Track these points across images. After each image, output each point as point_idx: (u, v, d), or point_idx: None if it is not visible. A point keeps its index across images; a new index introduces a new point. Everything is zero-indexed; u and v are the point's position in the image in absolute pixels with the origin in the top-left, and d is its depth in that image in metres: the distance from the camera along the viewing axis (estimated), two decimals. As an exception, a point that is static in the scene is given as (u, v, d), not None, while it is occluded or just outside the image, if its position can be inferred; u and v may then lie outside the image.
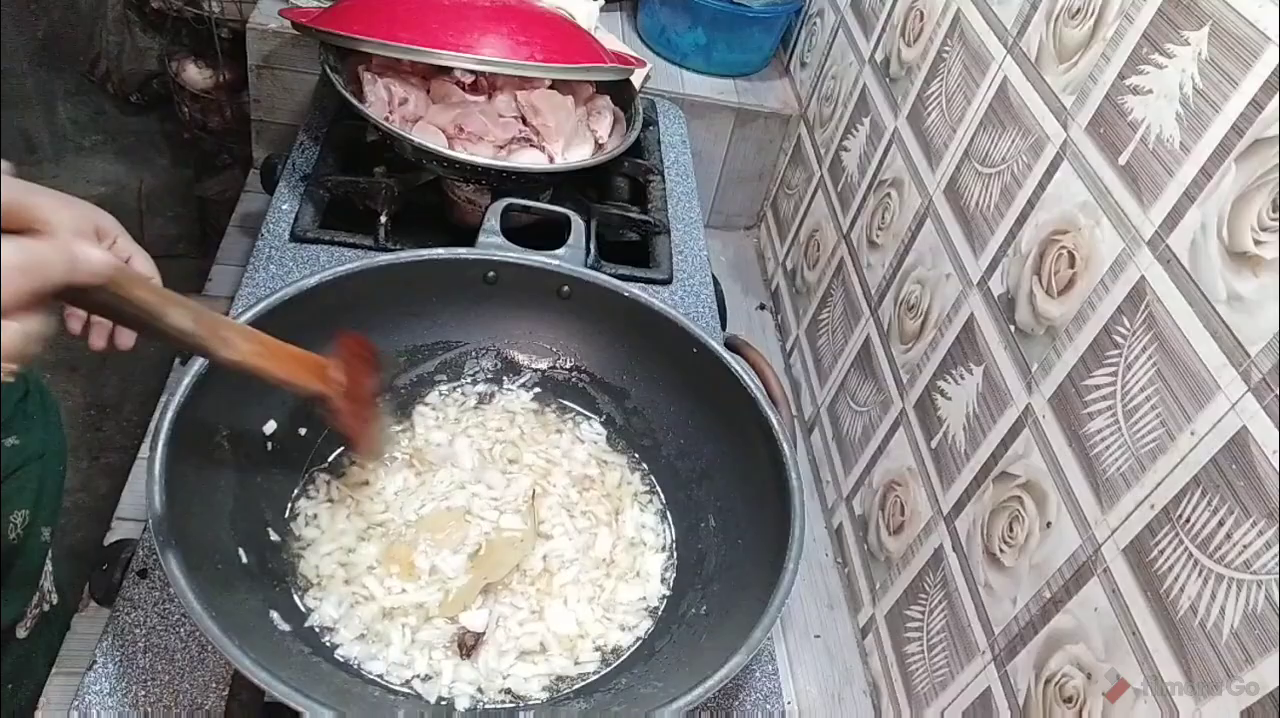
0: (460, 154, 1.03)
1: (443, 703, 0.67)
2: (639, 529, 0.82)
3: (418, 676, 0.68)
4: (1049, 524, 0.90)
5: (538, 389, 0.90)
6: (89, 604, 0.90)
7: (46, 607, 0.84)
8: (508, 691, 0.69)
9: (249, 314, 0.72)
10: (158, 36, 1.77)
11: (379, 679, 0.67)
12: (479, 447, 0.84)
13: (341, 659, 0.68)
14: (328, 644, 0.68)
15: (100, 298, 0.47)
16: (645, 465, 0.87)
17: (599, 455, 0.87)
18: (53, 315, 0.42)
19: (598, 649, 0.73)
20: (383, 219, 1.05)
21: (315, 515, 0.76)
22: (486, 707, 0.68)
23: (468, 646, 0.70)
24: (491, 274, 0.86)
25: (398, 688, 0.67)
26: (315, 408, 0.70)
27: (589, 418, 0.90)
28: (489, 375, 0.90)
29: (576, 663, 0.72)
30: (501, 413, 0.88)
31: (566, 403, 0.90)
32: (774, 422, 0.77)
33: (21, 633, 0.81)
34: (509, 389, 0.90)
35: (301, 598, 0.71)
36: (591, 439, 0.88)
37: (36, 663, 0.84)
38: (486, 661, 0.70)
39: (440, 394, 0.88)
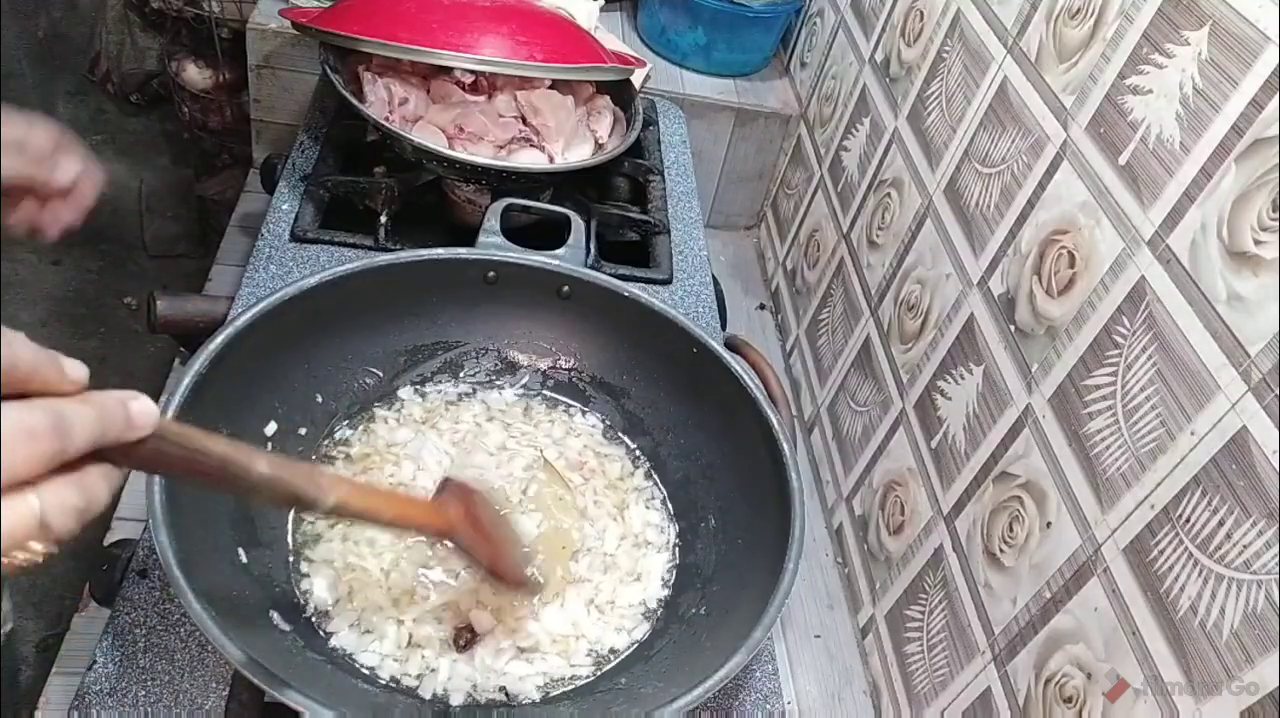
0: (460, 154, 1.03)
1: (438, 701, 0.67)
2: (645, 527, 0.82)
3: (418, 674, 0.68)
4: (1049, 524, 0.90)
5: (524, 387, 0.90)
6: (89, 604, 0.90)
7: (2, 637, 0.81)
8: (503, 689, 0.69)
9: (249, 314, 0.72)
10: (158, 36, 1.77)
11: (378, 678, 0.67)
12: (452, 440, 0.83)
13: (341, 659, 0.68)
14: (327, 644, 0.68)
15: (147, 457, 0.39)
16: (646, 461, 0.87)
17: (595, 447, 0.87)
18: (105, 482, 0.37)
19: (595, 650, 0.73)
20: (383, 219, 1.05)
21: (317, 518, 0.76)
22: (483, 705, 0.68)
23: (463, 641, 0.70)
24: (491, 274, 0.86)
25: (398, 687, 0.67)
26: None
27: (584, 411, 0.89)
28: (489, 375, 0.90)
29: (574, 664, 0.72)
30: (481, 407, 0.87)
31: (558, 397, 0.90)
32: (774, 422, 0.77)
33: None
34: (497, 386, 0.90)
35: (303, 588, 0.71)
36: (587, 432, 0.88)
37: None
38: (483, 658, 0.70)
39: (415, 390, 0.88)
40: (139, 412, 0.37)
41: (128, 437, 0.37)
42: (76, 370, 0.36)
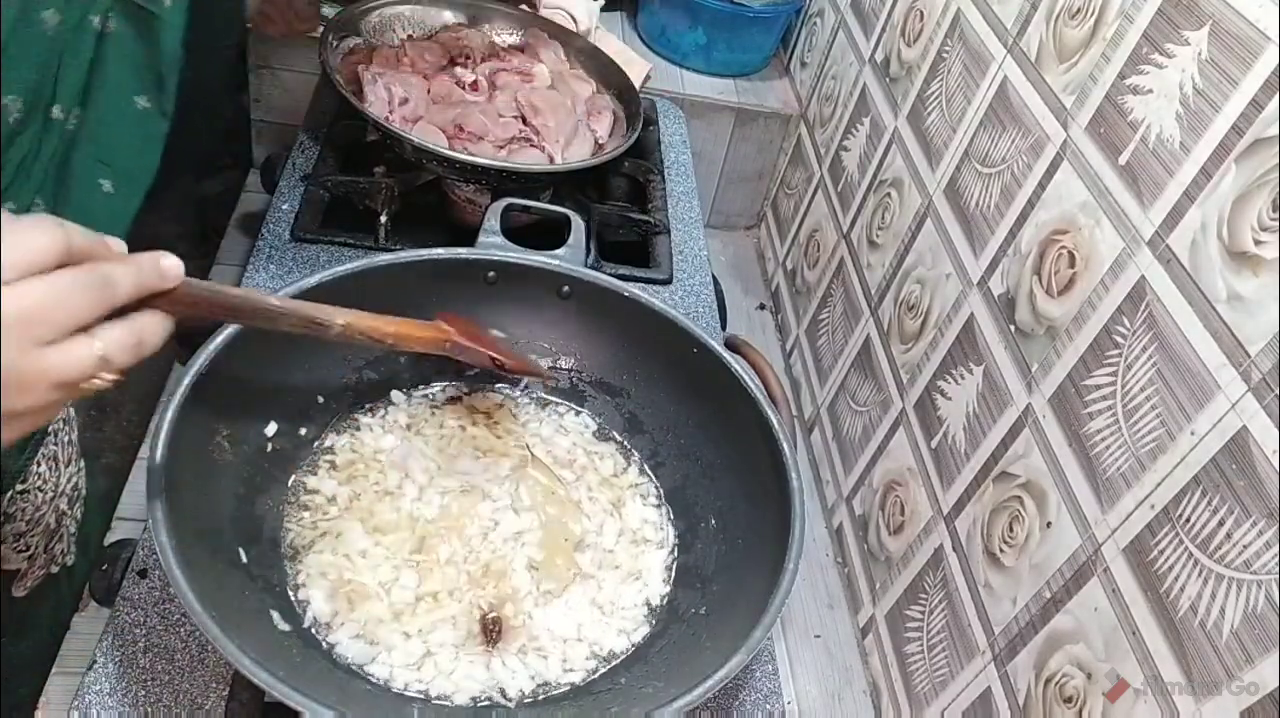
0: (460, 154, 1.03)
1: (442, 702, 0.67)
2: (643, 524, 0.81)
3: (419, 673, 0.68)
4: (1049, 524, 0.90)
5: (525, 387, 0.90)
6: (89, 604, 0.90)
7: (55, 568, 0.84)
8: (502, 690, 0.69)
9: (249, 314, 0.72)
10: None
11: (378, 677, 0.67)
12: (437, 447, 0.83)
13: (340, 658, 0.68)
14: (326, 644, 0.68)
15: (184, 301, 0.49)
16: (640, 459, 0.87)
17: (585, 445, 0.87)
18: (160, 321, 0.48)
19: (596, 651, 0.73)
20: (383, 219, 1.05)
21: (318, 517, 0.76)
22: (484, 705, 0.68)
23: (492, 633, 0.70)
24: (491, 274, 0.86)
25: (398, 686, 0.67)
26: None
27: (577, 411, 0.89)
28: (489, 375, 0.90)
29: (574, 666, 0.72)
30: (465, 409, 0.87)
31: (550, 398, 0.90)
32: (774, 422, 0.77)
33: (19, 593, 0.81)
34: (497, 387, 0.90)
35: (301, 598, 0.71)
36: (577, 430, 0.88)
37: (39, 626, 0.84)
38: (498, 659, 0.70)
39: (403, 393, 0.88)
40: (169, 265, 0.48)
41: (162, 285, 0.47)
42: (118, 244, 0.46)
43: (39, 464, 0.77)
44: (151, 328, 0.47)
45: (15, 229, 0.41)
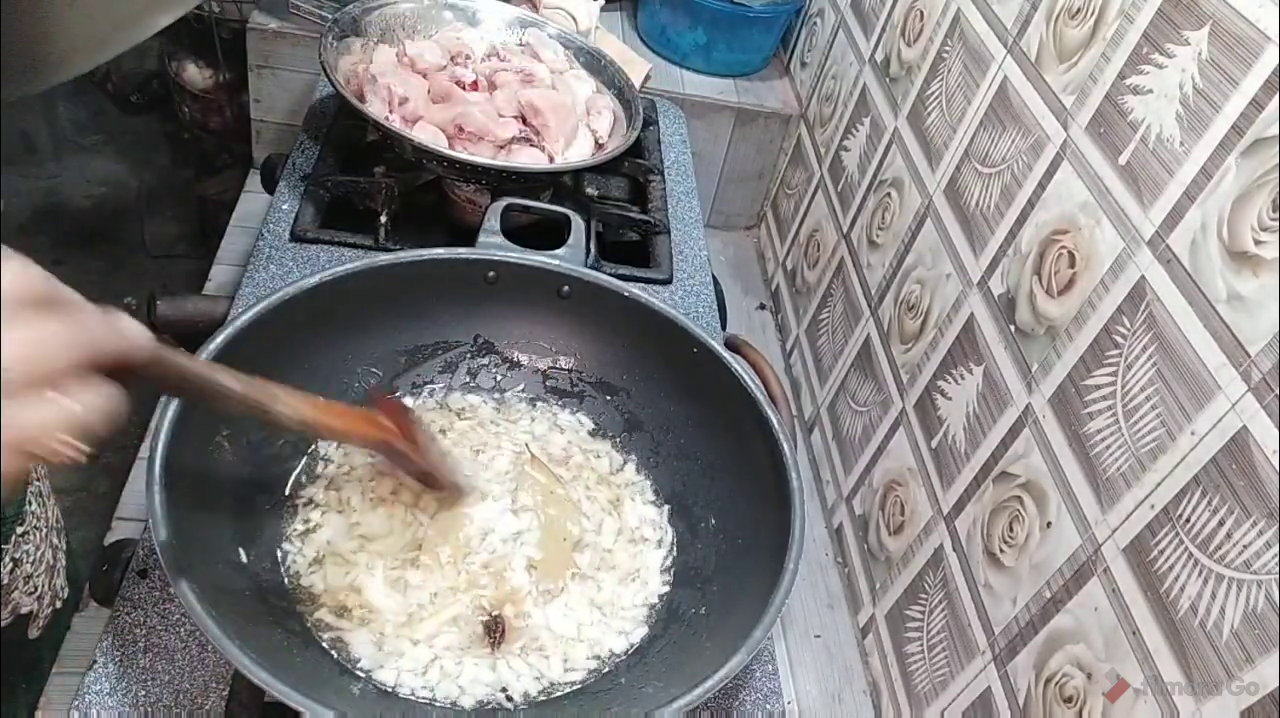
0: (460, 154, 1.03)
1: (445, 703, 0.67)
2: (641, 523, 0.81)
3: (424, 678, 0.68)
4: (1049, 524, 0.90)
5: (524, 387, 0.90)
6: (89, 604, 0.90)
7: (59, 603, 0.84)
8: (503, 689, 0.69)
9: (249, 314, 0.72)
10: (158, 36, 1.77)
11: (381, 680, 0.67)
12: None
13: (341, 659, 0.68)
14: (327, 644, 0.68)
15: (148, 372, 0.45)
16: (638, 459, 0.87)
17: (580, 443, 0.87)
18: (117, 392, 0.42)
19: (596, 651, 0.73)
20: (383, 219, 1.05)
21: (317, 518, 0.76)
22: (484, 706, 0.68)
23: (497, 634, 0.70)
24: (491, 274, 0.86)
25: (405, 691, 0.67)
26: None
27: (573, 410, 0.89)
28: (489, 375, 0.90)
29: (574, 666, 0.72)
30: (452, 413, 0.87)
31: (547, 397, 0.90)
32: (774, 422, 0.77)
33: (34, 633, 0.81)
34: (499, 388, 0.90)
35: (301, 598, 0.71)
36: (572, 429, 0.88)
37: (45, 660, 0.85)
38: (503, 661, 0.70)
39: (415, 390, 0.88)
40: (138, 330, 0.43)
41: (134, 355, 0.43)
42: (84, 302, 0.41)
43: (30, 503, 0.75)
44: (117, 397, 0.41)
45: None
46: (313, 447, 0.80)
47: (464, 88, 1.13)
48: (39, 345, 0.37)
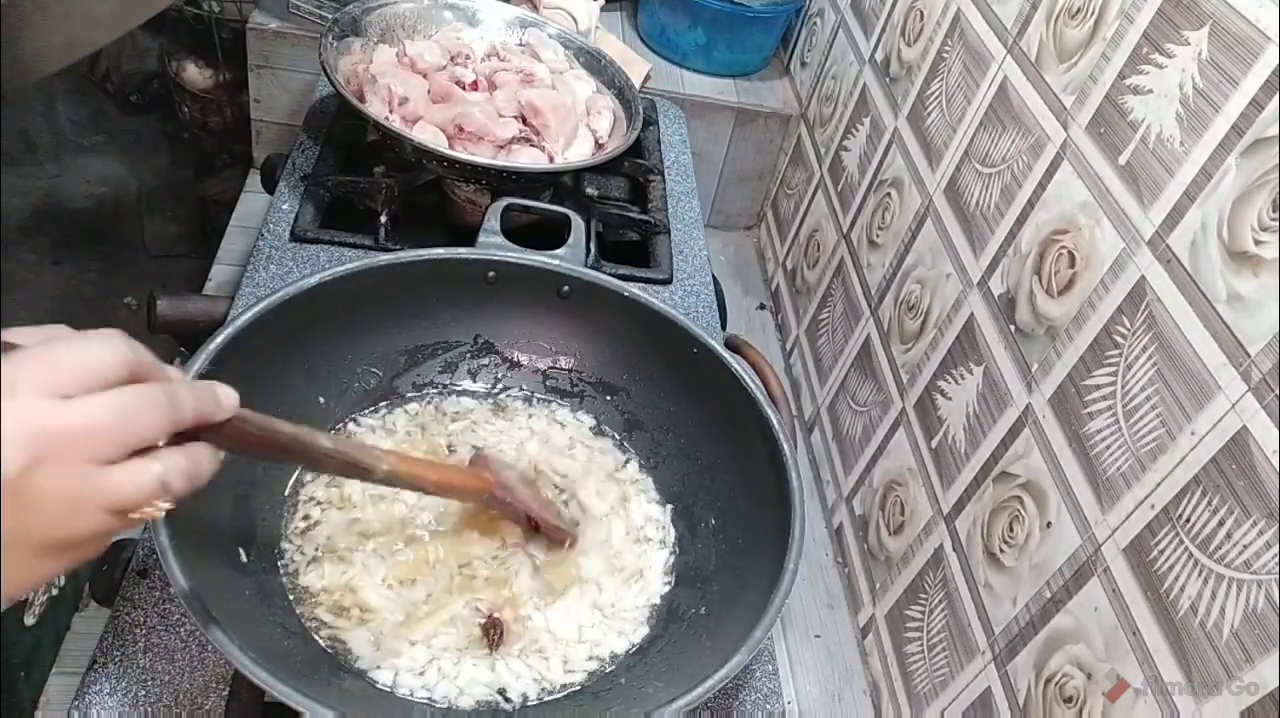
0: (460, 154, 1.03)
1: (444, 704, 0.67)
2: (646, 522, 0.81)
3: (423, 679, 0.68)
4: (1049, 524, 0.90)
5: (524, 387, 0.90)
6: (89, 604, 0.90)
7: (54, 591, 0.84)
8: (502, 690, 0.69)
9: (249, 314, 0.72)
10: (158, 36, 1.77)
11: (380, 681, 0.67)
12: (432, 447, 0.83)
13: (341, 659, 0.68)
14: (327, 644, 0.68)
15: (234, 433, 0.48)
16: (638, 458, 0.87)
17: (583, 440, 0.87)
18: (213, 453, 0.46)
19: (596, 652, 0.73)
20: (383, 219, 1.05)
21: (317, 517, 0.76)
22: (484, 706, 0.68)
23: (494, 637, 0.70)
24: (491, 274, 0.86)
25: (402, 691, 0.67)
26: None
27: (574, 410, 0.89)
28: (488, 375, 0.90)
29: (574, 667, 0.72)
30: (444, 417, 0.86)
31: (549, 397, 0.90)
32: (774, 422, 0.77)
33: (30, 620, 0.81)
34: (499, 389, 0.90)
35: (301, 598, 0.71)
36: (573, 425, 0.88)
37: (45, 648, 0.85)
38: (502, 661, 0.70)
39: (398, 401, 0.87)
40: (226, 394, 0.47)
41: (219, 416, 0.46)
42: (176, 370, 0.46)
43: None
44: (205, 457, 0.45)
45: (80, 342, 0.40)
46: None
47: (464, 88, 1.13)
48: (132, 416, 0.40)
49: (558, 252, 0.88)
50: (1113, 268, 0.86)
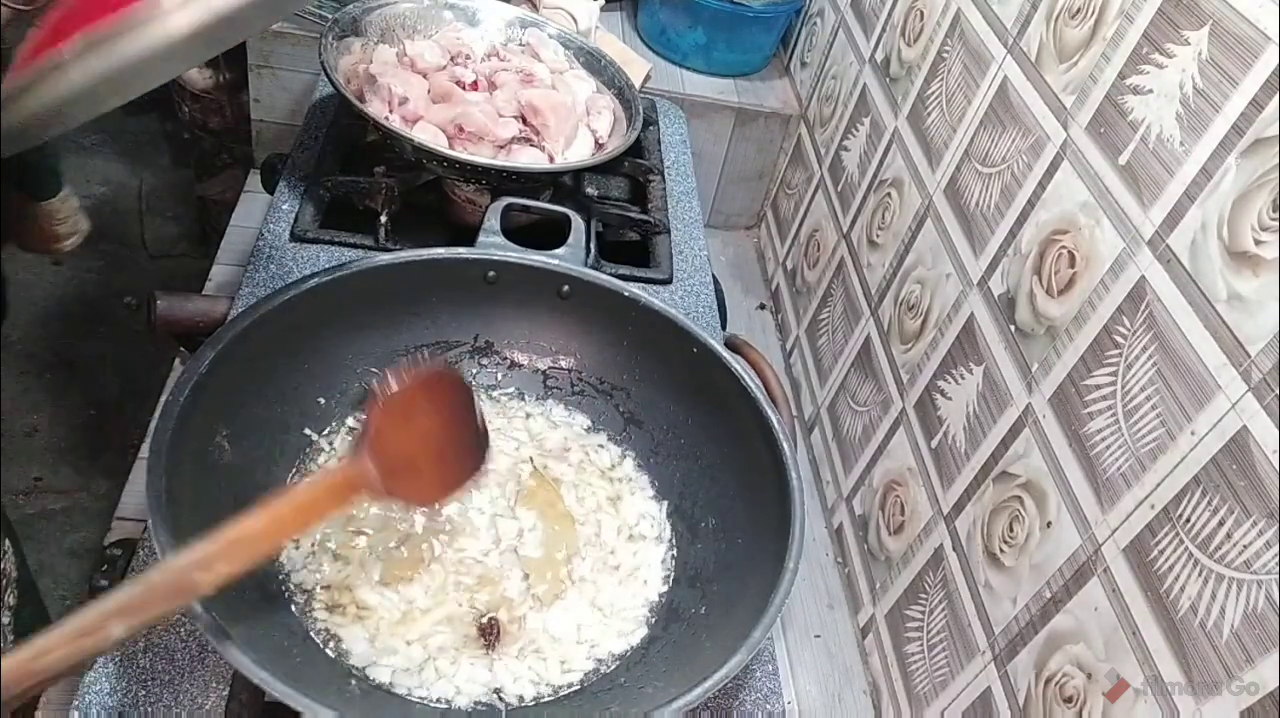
0: (460, 154, 1.03)
1: (442, 704, 0.67)
2: (640, 519, 0.81)
3: (419, 678, 0.68)
4: (1049, 524, 0.90)
5: (523, 387, 0.90)
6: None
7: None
8: (499, 690, 0.69)
9: (249, 314, 0.72)
10: (157, 36, 1.77)
11: (379, 678, 0.67)
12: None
13: (341, 659, 0.68)
14: (327, 644, 0.68)
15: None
16: (637, 457, 0.87)
17: (577, 439, 0.86)
18: None
19: (595, 652, 0.73)
20: (383, 219, 1.05)
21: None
22: (482, 707, 0.68)
23: (490, 637, 0.70)
24: (491, 274, 0.86)
25: (393, 685, 0.67)
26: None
27: (569, 408, 0.89)
28: (489, 375, 0.90)
29: (573, 667, 0.72)
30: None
31: (544, 396, 0.90)
32: (774, 422, 0.77)
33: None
34: (495, 387, 0.90)
35: (300, 598, 0.71)
36: (567, 424, 0.88)
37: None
38: (499, 661, 0.70)
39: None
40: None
41: None
42: None
43: None
44: None
45: None
46: (312, 444, 0.80)
47: (464, 88, 1.13)
48: None
49: (558, 251, 0.88)
50: (1113, 268, 0.86)
